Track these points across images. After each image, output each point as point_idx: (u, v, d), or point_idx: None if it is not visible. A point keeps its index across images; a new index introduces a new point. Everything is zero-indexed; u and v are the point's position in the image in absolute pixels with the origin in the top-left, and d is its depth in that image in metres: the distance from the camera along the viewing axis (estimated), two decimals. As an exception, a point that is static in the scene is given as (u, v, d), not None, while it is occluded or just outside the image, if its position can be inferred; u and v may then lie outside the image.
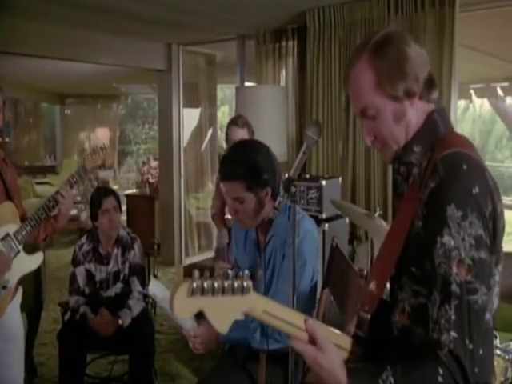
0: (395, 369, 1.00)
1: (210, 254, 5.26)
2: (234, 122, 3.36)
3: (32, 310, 3.39)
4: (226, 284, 0.92)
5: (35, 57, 5.15)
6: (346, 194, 4.10)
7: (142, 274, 3.09)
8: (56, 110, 10.94)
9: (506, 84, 7.37)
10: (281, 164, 4.35)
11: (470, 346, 0.98)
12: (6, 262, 2.15)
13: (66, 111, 10.76)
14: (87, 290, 3.04)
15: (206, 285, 0.91)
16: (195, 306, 0.92)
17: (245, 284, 0.94)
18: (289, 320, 1.03)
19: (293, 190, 1.42)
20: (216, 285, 0.91)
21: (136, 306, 2.96)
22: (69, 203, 2.27)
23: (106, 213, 2.93)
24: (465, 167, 1.03)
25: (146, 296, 3.07)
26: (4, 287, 2.15)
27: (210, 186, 6.71)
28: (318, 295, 2.20)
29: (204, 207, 6.76)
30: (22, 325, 2.41)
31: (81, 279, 3.01)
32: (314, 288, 2.05)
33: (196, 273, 0.91)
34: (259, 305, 0.99)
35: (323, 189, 3.28)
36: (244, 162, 1.88)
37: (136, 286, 3.01)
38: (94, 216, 2.99)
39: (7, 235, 2.19)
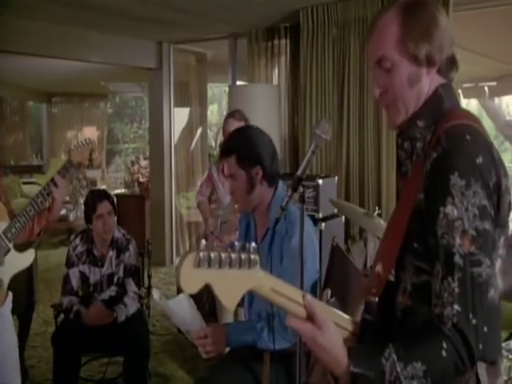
0: (397, 346, 0.97)
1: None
2: (232, 115, 3.32)
3: (23, 311, 3.33)
4: (232, 256, 0.89)
5: (22, 54, 5.08)
6: (340, 193, 4.10)
7: (137, 275, 3.06)
8: (43, 109, 10.80)
9: (494, 83, 7.45)
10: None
11: (474, 321, 0.96)
12: None
13: (52, 110, 10.62)
14: (81, 293, 2.99)
15: (212, 255, 0.87)
16: (202, 278, 0.88)
17: (252, 257, 0.91)
18: (297, 300, 1.00)
19: (301, 189, 1.40)
20: (223, 256, 0.88)
21: (132, 305, 2.92)
22: (63, 191, 2.25)
23: (100, 217, 2.90)
24: (468, 137, 1.01)
25: (140, 297, 3.04)
26: None
27: (200, 186, 6.69)
28: (317, 295, 2.18)
29: (194, 206, 6.71)
30: (14, 328, 2.37)
31: (74, 281, 2.97)
32: (313, 288, 2.03)
33: (203, 243, 0.88)
34: (267, 282, 0.97)
35: (320, 188, 3.27)
36: (238, 138, 2.02)
37: (131, 287, 2.97)
38: (88, 219, 2.96)
39: None
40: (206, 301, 3.46)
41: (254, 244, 0.92)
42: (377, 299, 1.13)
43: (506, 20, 4.59)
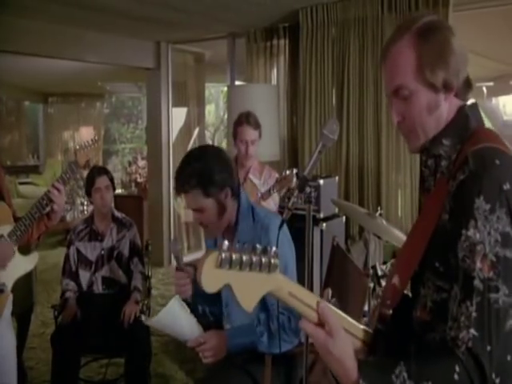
0: (409, 364, 0.96)
1: (200, 254, 5.21)
2: (247, 120, 3.07)
3: (22, 313, 3.31)
4: (254, 259, 0.90)
5: (20, 54, 5.04)
6: (339, 193, 4.09)
7: (142, 255, 3.18)
8: (39, 109, 10.74)
9: (491, 84, 7.46)
10: (273, 164, 4.38)
11: (488, 348, 0.95)
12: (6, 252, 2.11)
13: (49, 110, 10.55)
14: (86, 279, 3.06)
15: (234, 257, 0.89)
16: (222, 278, 0.90)
17: (272, 261, 0.92)
18: (312, 305, 1.01)
19: (307, 190, 1.39)
20: (244, 258, 0.89)
21: (142, 284, 3.05)
22: (62, 199, 2.26)
23: (98, 191, 3.04)
24: (497, 162, 1.00)
25: (146, 277, 3.14)
26: (1, 291, 2.10)
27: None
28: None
29: (192, 207, 6.71)
30: (13, 331, 2.36)
31: (72, 259, 3.09)
32: None
33: (225, 243, 0.89)
34: (285, 286, 0.97)
35: (321, 188, 3.27)
36: (195, 170, 1.85)
37: (138, 267, 3.09)
38: (88, 192, 3.11)
39: (1, 236, 2.13)
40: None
41: (275, 248, 0.93)
42: (391, 311, 1.12)
43: (505, 20, 4.60)
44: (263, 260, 0.91)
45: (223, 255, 0.88)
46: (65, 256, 3.12)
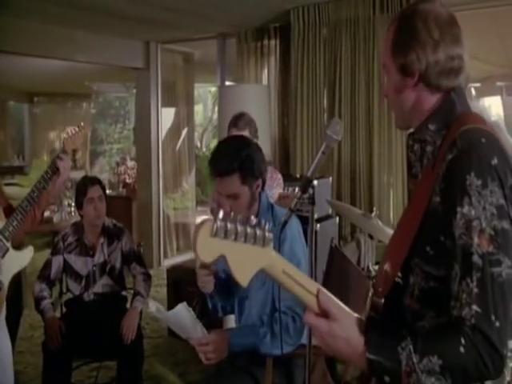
0: (415, 338, 0.96)
1: (189, 256, 5.19)
2: (234, 123, 3.07)
3: (11, 316, 3.24)
4: (248, 230, 0.89)
5: (8, 54, 4.97)
6: (332, 194, 4.09)
7: (138, 257, 3.06)
8: (24, 109, 10.63)
9: (478, 85, 7.52)
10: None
11: (497, 324, 0.93)
12: None
13: (34, 110, 10.45)
14: (76, 291, 2.95)
15: (229, 226, 0.88)
16: (217, 248, 0.89)
17: (266, 234, 0.91)
18: (305, 285, 1.00)
19: (310, 191, 1.37)
20: (239, 229, 0.89)
21: (146, 288, 2.94)
22: (67, 164, 2.28)
23: (91, 201, 2.87)
24: (483, 140, 1.02)
25: (149, 276, 3.03)
26: None
27: (186, 187, 6.66)
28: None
29: (181, 207, 6.69)
30: (8, 335, 2.32)
31: (54, 268, 2.92)
32: None
33: (221, 213, 0.88)
34: (279, 263, 0.96)
35: (315, 189, 3.26)
36: (238, 155, 1.87)
37: (137, 269, 2.99)
38: (79, 204, 2.92)
39: None
40: (196, 304, 3.42)
41: (268, 223, 0.92)
42: (383, 299, 1.13)
43: (493, 22, 4.64)
44: (257, 232, 0.90)
45: (218, 224, 0.87)
46: (46, 261, 2.94)
